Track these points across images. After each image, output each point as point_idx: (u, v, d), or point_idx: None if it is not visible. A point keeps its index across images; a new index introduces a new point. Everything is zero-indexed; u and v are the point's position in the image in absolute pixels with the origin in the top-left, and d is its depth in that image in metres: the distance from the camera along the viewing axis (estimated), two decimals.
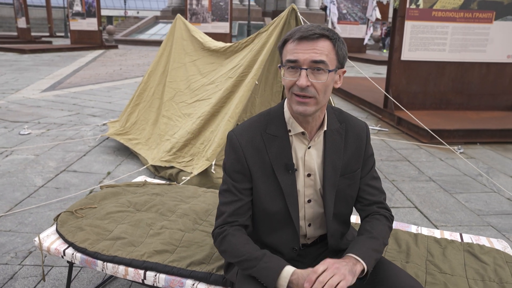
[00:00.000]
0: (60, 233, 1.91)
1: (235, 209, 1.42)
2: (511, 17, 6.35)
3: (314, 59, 1.28)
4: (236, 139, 1.43)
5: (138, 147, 4.32)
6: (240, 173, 1.43)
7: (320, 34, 1.29)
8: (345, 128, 1.49)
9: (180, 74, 4.43)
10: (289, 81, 1.33)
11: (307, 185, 1.47)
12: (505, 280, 1.68)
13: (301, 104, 1.32)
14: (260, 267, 1.31)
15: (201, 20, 18.74)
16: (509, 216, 3.37)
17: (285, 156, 1.42)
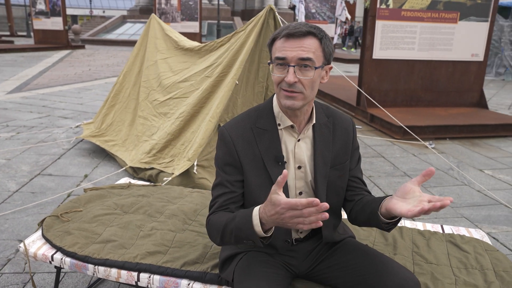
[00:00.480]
0: (47, 238, 1.87)
1: (226, 199, 1.46)
2: (473, 18, 6.63)
3: (301, 56, 1.33)
4: (227, 133, 1.48)
5: (115, 149, 4.24)
6: (232, 166, 1.47)
7: (307, 32, 1.34)
8: (333, 122, 1.55)
9: (152, 72, 4.38)
10: (277, 77, 1.38)
11: (298, 178, 1.51)
12: (486, 267, 1.77)
13: (289, 98, 1.37)
14: (237, 223, 1.32)
15: (171, 20, 18.51)
16: (480, 207, 3.53)
17: (274, 148, 1.47)
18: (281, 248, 1.55)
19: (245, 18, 29.51)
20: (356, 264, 1.48)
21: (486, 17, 6.63)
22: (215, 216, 1.44)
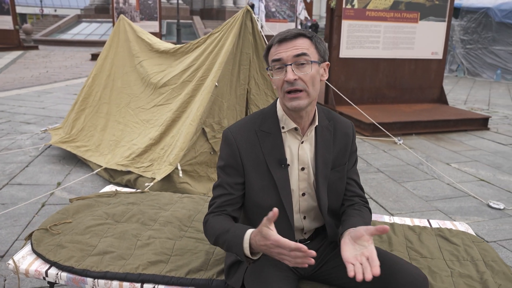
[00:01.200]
0: (39, 253, 1.78)
1: (224, 201, 1.50)
2: (432, 18, 6.92)
3: (295, 53, 1.38)
4: (231, 136, 1.51)
5: (88, 154, 4.10)
6: (233, 168, 1.50)
7: (297, 34, 1.41)
8: (334, 125, 1.59)
9: (133, 79, 4.28)
10: (278, 80, 1.42)
11: (301, 179, 1.55)
12: (476, 258, 1.87)
13: (294, 99, 1.41)
14: (229, 239, 1.37)
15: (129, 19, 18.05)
16: (452, 199, 3.70)
17: (278, 151, 1.50)
18: None
19: (204, 17, 29.26)
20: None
21: (443, 17, 6.95)
22: (213, 220, 1.47)
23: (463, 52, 13.35)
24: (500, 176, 4.33)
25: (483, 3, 12.88)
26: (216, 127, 3.53)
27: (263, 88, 3.89)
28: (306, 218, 1.61)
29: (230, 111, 3.66)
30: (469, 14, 13.07)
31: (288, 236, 1.55)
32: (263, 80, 3.88)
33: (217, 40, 3.70)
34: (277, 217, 1.54)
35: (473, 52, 13.16)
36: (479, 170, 4.49)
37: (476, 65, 13.07)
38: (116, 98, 4.35)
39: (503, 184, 4.10)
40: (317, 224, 1.64)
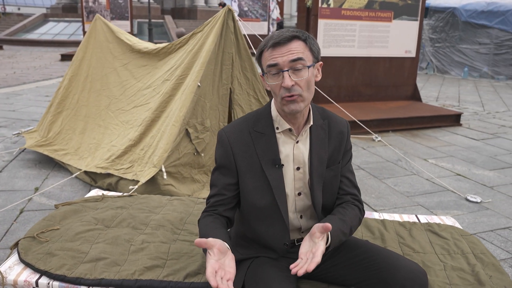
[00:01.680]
0: (27, 262, 1.71)
1: (216, 201, 1.52)
2: (406, 17, 7.08)
3: (292, 58, 1.38)
4: (225, 136, 1.52)
5: (67, 158, 3.98)
6: (226, 168, 1.52)
7: (291, 36, 1.40)
8: (328, 124, 1.60)
9: (113, 80, 4.18)
10: (275, 86, 1.43)
11: (297, 179, 1.55)
12: (466, 251, 1.92)
13: (291, 103, 1.41)
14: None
15: None
16: (431, 194, 3.80)
17: (272, 152, 1.50)
18: (281, 251, 1.57)
19: (176, 16, 28.94)
20: (363, 260, 1.53)
21: (416, 17, 7.12)
22: (203, 220, 1.50)
23: (432, 50, 13.74)
24: (475, 170, 4.47)
25: (450, 3, 13.29)
26: (199, 128, 3.49)
27: (246, 88, 3.88)
28: (302, 217, 1.61)
29: (213, 111, 3.63)
30: (437, 13, 13.47)
31: (283, 236, 1.55)
32: (245, 80, 3.87)
33: (199, 40, 3.66)
34: (272, 217, 1.55)
35: (441, 50, 13.56)
36: (455, 165, 4.63)
37: (445, 63, 13.48)
38: (95, 100, 4.24)
39: (478, 178, 4.24)
40: (314, 223, 1.64)
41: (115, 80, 4.19)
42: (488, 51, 12.48)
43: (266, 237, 1.56)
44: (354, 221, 1.55)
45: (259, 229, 1.56)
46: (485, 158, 4.90)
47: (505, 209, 3.51)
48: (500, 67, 12.32)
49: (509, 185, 4.07)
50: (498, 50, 12.28)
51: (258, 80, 3.94)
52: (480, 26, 12.50)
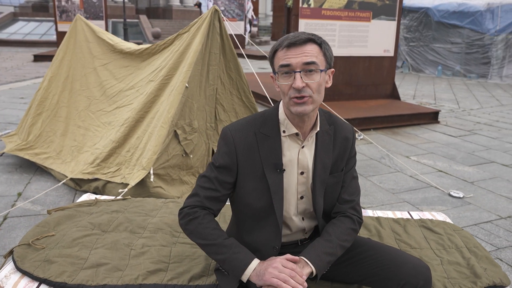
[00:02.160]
0: (25, 270, 1.67)
1: (210, 196, 1.49)
2: (384, 17, 7.22)
3: (305, 61, 1.37)
4: (230, 135, 1.49)
5: (49, 162, 3.88)
6: (227, 167, 1.49)
7: (306, 39, 1.40)
8: (334, 129, 1.58)
9: (92, 81, 4.09)
10: (285, 86, 1.41)
11: (300, 183, 1.55)
12: (460, 245, 1.98)
13: (300, 104, 1.40)
14: (230, 257, 1.40)
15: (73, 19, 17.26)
16: (416, 191, 3.89)
17: (275, 155, 1.49)
18: (267, 253, 1.52)
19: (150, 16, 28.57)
20: (366, 258, 1.56)
21: (393, 16, 7.27)
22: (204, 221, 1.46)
23: (407, 49, 14.05)
24: (455, 166, 4.60)
25: (423, 3, 13.62)
26: (188, 129, 3.47)
27: (229, 87, 3.88)
28: (304, 219, 1.62)
29: (200, 112, 3.61)
30: (411, 13, 13.77)
31: (274, 239, 1.53)
32: (229, 79, 3.87)
33: (185, 40, 3.63)
34: (266, 220, 1.54)
35: (416, 49, 13.88)
36: (436, 161, 4.75)
37: (419, 62, 13.81)
38: (75, 101, 4.15)
39: (459, 174, 4.37)
40: (316, 223, 1.66)
41: (95, 81, 4.10)
42: (460, 50, 12.86)
43: (257, 240, 1.54)
44: (345, 236, 1.52)
45: (251, 231, 1.55)
46: (464, 154, 5.05)
47: (486, 204, 3.63)
48: (472, 65, 12.71)
49: (488, 180, 4.21)
50: (469, 50, 12.67)
51: (243, 80, 3.94)
52: (452, 26, 12.87)
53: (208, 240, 1.43)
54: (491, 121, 6.88)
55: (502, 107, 8.26)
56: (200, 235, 1.45)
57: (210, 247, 1.43)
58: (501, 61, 12.15)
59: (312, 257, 1.41)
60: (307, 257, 1.42)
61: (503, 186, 4.05)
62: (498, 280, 1.71)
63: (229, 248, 1.41)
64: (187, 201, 1.51)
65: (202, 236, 1.44)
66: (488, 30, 12.16)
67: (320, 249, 1.44)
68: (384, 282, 1.49)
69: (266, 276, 1.34)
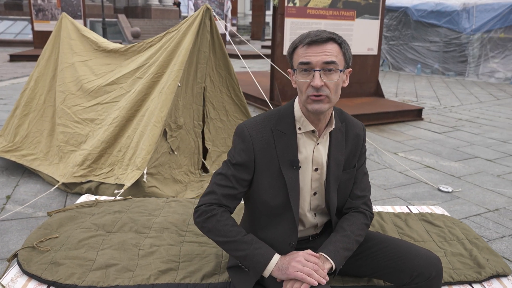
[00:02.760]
0: (32, 273, 1.63)
1: (228, 194, 1.49)
2: (367, 16, 7.32)
3: (325, 60, 1.38)
4: (247, 132, 1.49)
5: (36, 164, 3.79)
6: (244, 164, 1.49)
7: (328, 38, 1.40)
8: (346, 127, 1.61)
9: (68, 75, 3.98)
10: (303, 83, 1.41)
11: (314, 179, 1.57)
12: (461, 237, 2.04)
13: (317, 102, 1.41)
14: (251, 253, 1.40)
15: (50, 18, 16.90)
16: (406, 186, 3.97)
17: (291, 152, 1.50)
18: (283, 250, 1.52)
19: (129, 15, 28.20)
20: (378, 251, 1.58)
21: (377, 15, 7.38)
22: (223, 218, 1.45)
23: (387, 48, 14.28)
24: (442, 162, 4.71)
25: (402, 3, 13.87)
26: (173, 126, 3.44)
27: (218, 86, 3.87)
28: (317, 215, 1.64)
29: (187, 110, 3.58)
30: (390, 12, 14.00)
31: (291, 235, 1.55)
32: (218, 77, 3.86)
33: (174, 38, 3.60)
34: (282, 217, 1.55)
35: (395, 48, 14.12)
36: (423, 157, 4.85)
37: (399, 60, 14.06)
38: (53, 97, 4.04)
39: (446, 169, 4.48)
40: (327, 218, 1.68)
41: (71, 75, 3.97)
42: (438, 49, 13.14)
43: (272, 236, 1.55)
44: (360, 231, 1.56)
45: (267, 228, 1.56)
46: (449, 150, 5.17)
47: (474, 197, 3.74)
48: (450, 63, 13.02)
49: (474, 174, 4.33)
50: (447, 48, 12.97)
51: (233, 78, 3.94)
52: (430, 25, 13.15)
53: (227, 238, 1.42)
54: (472, 118, 7.07)
55: (481, 104, 8.49)
56: (219, 232, 1.44)
57: (230, 244, 1.43)
58: (477, 60, 12.48)
59: (332, 253, 1.43)
60: (327, 252, 1.43)
61: (489, 180, 4.17)
62: (501, 269, 1.76)
63: (250, 244, 1.41)
64: (203, 199, 1.50)
65: (221, 233, 1.43)
66: (464, 29, 12.48)
67: (339, 245, 1.46)
68: (396, 274, 1.52)
69: (289, 270, 1.35)
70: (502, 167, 4.56)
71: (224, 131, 3.98)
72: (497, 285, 1.71)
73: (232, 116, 4.02)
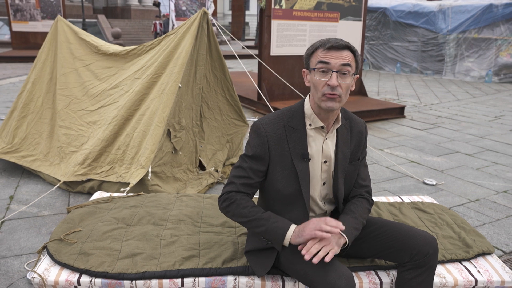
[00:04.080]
0: (64, 263, 1.76)
1: (245, 183, 1.68)
2: (351, 17, 7.57)
3: (343, 62, 1.57)
4: (262, 128, 1.68)
5: (36, 164, 3.86)
6: (260, 157, 1.68)
7: (345, 45, 1.60)
8: (350, 124, 1.81)
9: (72, 81, 4.09)
10: (320, 81, 1.60)
11: (323, 170, 1.76)
12: (450, 222, 2.25)
13: (331, 100, 1.59)
14: (270, 227, 1.60)
15: (29, 18, 16.66)
16: (393, 180, 4.20)
17: (301, 146, 1.69)
18: None
19: (108, 16, 27.93)
20: (380, 234, 1.78)
21: (359, 17, 7.63)
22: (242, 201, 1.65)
23: (367, 48, 14.64)
24: (425, 157, 4.97)
25: (381, 4, 14.25)
26: (177, 127, 3.58)
27: (214, 86, 4.03)
28: (325, 203, 1.82)
29: (187, 110, 3.73)
30: (370, 13, 14.36)
31: (303, 220, 1.74)
32: (214, 78, 4.01)
33: (173, 41, 3.73)
34: (294, 204, 1.74)
35: (375, 47, 14.49)
36: (408, 153, 5.11)
37: (379, 59, 14.43)
38: (54, 101, 4.12)
39: (430, 163, 4.73)
40: (334, 206, 1.87)
41: (76, 81, 4.09)
42: (416, 48, 13.57)
43: None
44: (364, 214, 1.77)
45: (282, 214, 1.73)
46: (431, 146, 5.45)
47: (456, 189, 3.99)
48: (427, 62, 13.46)
49: (455, 168, 4.60)
50: (425, 48, 13.40)
51: (228, 79, 4.09)
52: (408, 26, 13.56)
53: (248, 217, 1.61)
54: (451, 115, 7.40)
55: (458, 101, 8.86)
56: (240, 214, 1.63)
57: (251, 223, 1.61)
58: (454, 59, 12.94)
59: (346, 231, 1.61)
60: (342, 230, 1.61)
61: (469, 173, 4.44)
62: (486, 248, 1.98)
63: (268, 220, 1.60)
64: (225, 189, 1.69)
65: (243, 215, 1.63)
66: (441, 29, 12.92)
67: (350, 225, 1.65)
68: (397, 253, 1.71)
69: (306, 232, 1.53)
70: (480, 161, 4.84)
71: (218, 130, 4.13)
72: (483, 262, 1.92)
73: (226, 115, 4.18)
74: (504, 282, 1.81)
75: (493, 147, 5.42)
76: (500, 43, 11.99)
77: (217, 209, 2.28)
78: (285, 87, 7.22)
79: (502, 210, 3.54)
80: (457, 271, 1.85)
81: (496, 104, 8.66)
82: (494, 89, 10.77)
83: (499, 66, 12.07)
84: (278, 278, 1.76)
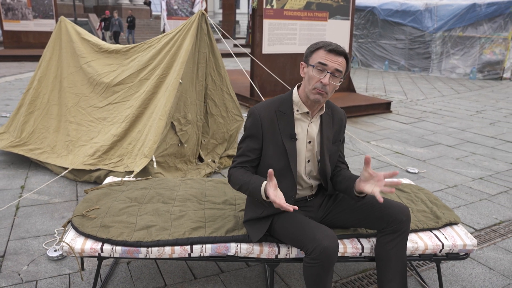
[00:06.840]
0: (88, 233, 2.03)
1: (243, 161, 2.01)
2: (339, 17, 7.88)
3: (337, 68, 1.89)
4: (257, 112, 2.00)
5: (44, 156, 4.10)
6: (254, 136, 2.00)
7: (343, 52, 1.91)
8: (331, 112, 2.12)
9: (80, 79, 4.35)
10: (315, 77, 1.91)
11: (308, 149, 2.06)
12: (424, 199, 2.56)
13: (319, 94, 1.92)
14: (251, 188, 1.91)
15: (21, 17, 16.74)
16: (379, 169, 4.50)
17: (290, 128, 2.01)
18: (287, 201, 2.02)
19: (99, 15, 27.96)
20: (362, 205, 2.07)
21: (347, 16, 7.94)
22: (235, 172, 1.98)
23: (356, 46, 14.99)
24: (409, 148, 5.30)
25: (369, 3, 14.60)
26: (183, 121, 3.85)
27: (219, 84, 4.29)
28: (310, 178, 2.12)
29: (192, 106, 4.00)
30: (358, 12, 14.71)
31: (291, 190, 2.05)
32: (219, 77, 4.27)
33: (173, 41, 4.00)
34: (285, 176, 2.03)
35: (364, 45, 14.85)
36: (393, 145, 5.43)
37: (368, 57, 14.79)
38: (64, 98, 4.38)
39: (413, 154, 5.06)
40: (318, 182, 2.16)
41: (82, 79, 4.35)
42: (404, 46, 13.95)
43: None
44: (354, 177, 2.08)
45: None
46: (415, 138, 5.77)
47: (436, 177, 4.31)
48: (415, 60, 13.84)
49: (436, 158, 4.92)
50: (412, 45, 13.78)
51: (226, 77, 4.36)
52: (396, 24, 13.93)
53: (239, 184, 1.94)
54: (435, 110, 7.75)
55: (443, 97, 9.22)
56: (236, 183, 1.95)
57: (242, 188, 1.93)
58: (440, 56, 13.34)
59: None
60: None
61: (449, 162, 4.77)
62: (453, 219, 2.29)
63: (249, 183, 1.89)
64: (230, 167, 2.00)
65: (237, 182, 1.95)
66: (427, 28, 13.31)
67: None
68: (376, 221, 2.01)
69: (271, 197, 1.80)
70: (460, 152, 5.18)
71: (224, 126, 4.40)
72: (450, 230, 2.23)
73: (231, 112, 4.45)
74: (466, 245, 2.12)
75: (473, 139, 5.77)
76: (484, 41, 12.40)
77: (218, 190, 2.56)
78: (277, 83, 7.51)
79: (477, 194, 3.86)
80: (428, 237, 2.16)
81: (479, 99, 9.05)
82: (477, 85, 11.17)
83: (483, 64, 12.49)
84: (274, 245, 2.05)
